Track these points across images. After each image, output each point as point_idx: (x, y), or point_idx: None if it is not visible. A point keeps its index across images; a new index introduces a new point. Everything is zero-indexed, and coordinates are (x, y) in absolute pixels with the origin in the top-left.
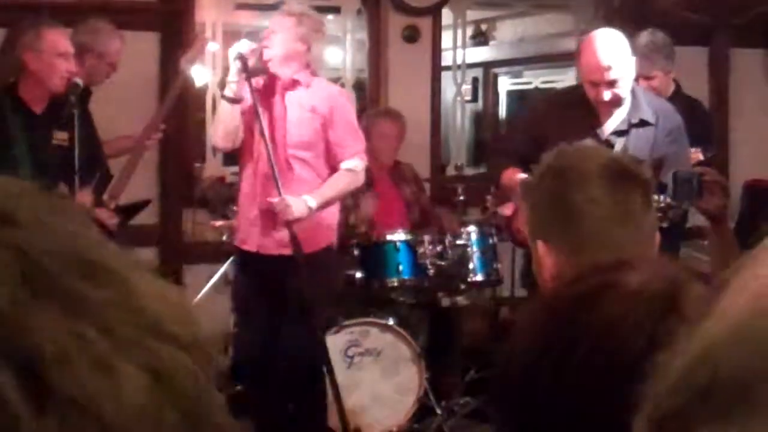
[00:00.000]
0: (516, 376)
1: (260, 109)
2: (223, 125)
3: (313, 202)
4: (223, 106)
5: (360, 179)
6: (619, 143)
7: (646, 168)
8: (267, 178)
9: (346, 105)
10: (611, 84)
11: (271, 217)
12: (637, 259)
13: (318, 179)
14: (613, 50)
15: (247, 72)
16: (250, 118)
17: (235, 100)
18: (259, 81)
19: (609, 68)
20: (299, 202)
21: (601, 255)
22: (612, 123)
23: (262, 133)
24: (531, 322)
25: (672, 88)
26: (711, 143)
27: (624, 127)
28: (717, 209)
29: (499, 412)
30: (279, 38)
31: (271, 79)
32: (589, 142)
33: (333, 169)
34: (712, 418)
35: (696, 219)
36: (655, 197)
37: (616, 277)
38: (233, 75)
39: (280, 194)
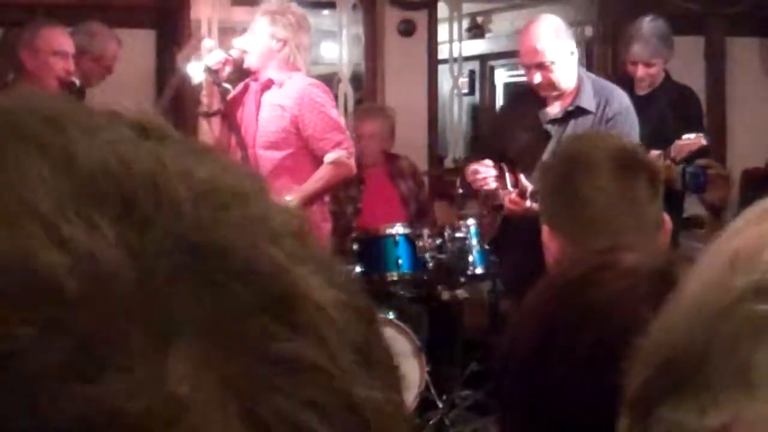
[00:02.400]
0: (522, 361)
1: (238, 113)
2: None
3: (293, 202)
4: (202, 124)
5: (347, 170)
6: (555, 132)
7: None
8: None
9: (317, 99)
10: (539, 66)
11: None
12: (634, 243)
13: (296, 180)
14: (543, 34)
15: (219, 84)
16: (227, 125)
17: (210, 114)
18: (238, 86)
19: (536, 51)
20: None
21: (603, 242)
22: (551, 111)
23: (237, 142)
24: (533, 306)
25: (662, 77)
26: (702, 128)
27: (560, 115)
28: (720, 201)
29: (505, 399)
30: (254, 39)
31: (248, 82)
32: (528, 132)
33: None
34: (668, 394)
35: (693, 209)
36: None
37: (612, 258)
38: (203, 89)
39: None
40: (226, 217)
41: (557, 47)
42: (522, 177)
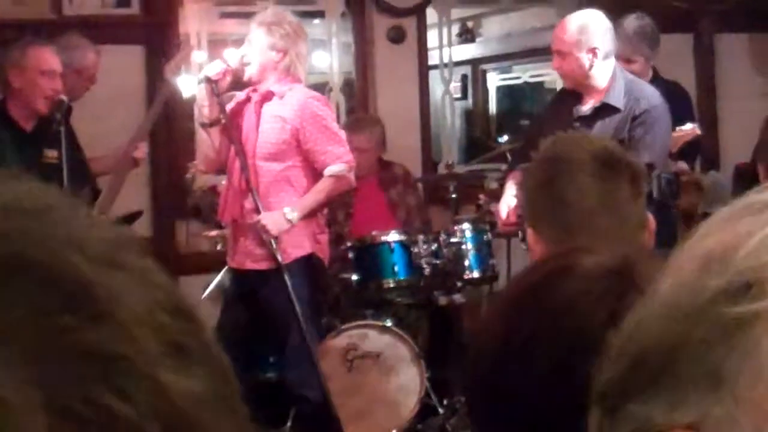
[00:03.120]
0: (484, 367)
1: (237, 124)
2: (204, 150)
3: (293, 214)
4: (200, 133)
5: (348, 182)
6: (583, 129)
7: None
8: (236, 193)
9: (319, 112)
10: (557, 53)
11: (241, 231)
12: (615, 244)
13: (296, 191)
14: (567, 24)
15: (217, 95)
16: (227, 135)
17: (210, 125)
18: (239, 96)
19: (555, 37)
20: (277, 217)
21: (585, 244)
22: (583, 108)
23: (237, 152)
24: (494, 312)
25: (650, 74)
26: (694, 122)
27: (588, 112)
28: (692, 207)
29: (470, 405)
30: (252, 50)
31: (249, 93)
32: (561, 129)
33: (321, 177)
34: (640, 389)
35: None
36: None
37: (571, 260)
38: (202, 99)
39: (259, 211)
40: (28, 230)
41: (573, 40)
42: None
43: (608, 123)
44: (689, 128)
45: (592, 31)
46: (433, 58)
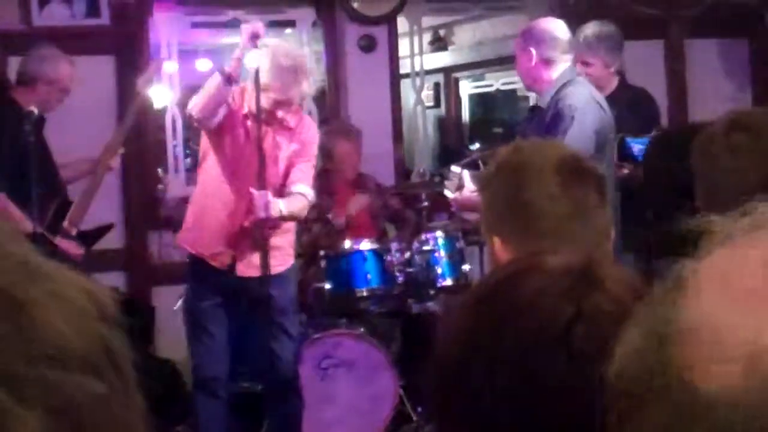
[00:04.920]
0: (450, 365)
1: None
2: (209, 96)
3: (284, 209)
4: (216, 79)
5: (308, 207)
6: (520, 129)
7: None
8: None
9: (316, 139)
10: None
11: (248, 239)
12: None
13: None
14: (524, 30)
15: (259, 84)
16: (230, 135)
17: (229, 79)
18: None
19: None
20: (275, 203)
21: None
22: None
23: (258, 147)
24: (459, 311)
25: (615, 81)
26: (660, 127)
27: (529, 114)
28: None
29: (436, 402)
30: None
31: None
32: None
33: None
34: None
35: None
36: None
37: (536, 260)
38: (238, 53)
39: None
40: None
41: (518, 44)
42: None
43: (535, 123)
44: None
45: (532, 33)
46: (405, 67)
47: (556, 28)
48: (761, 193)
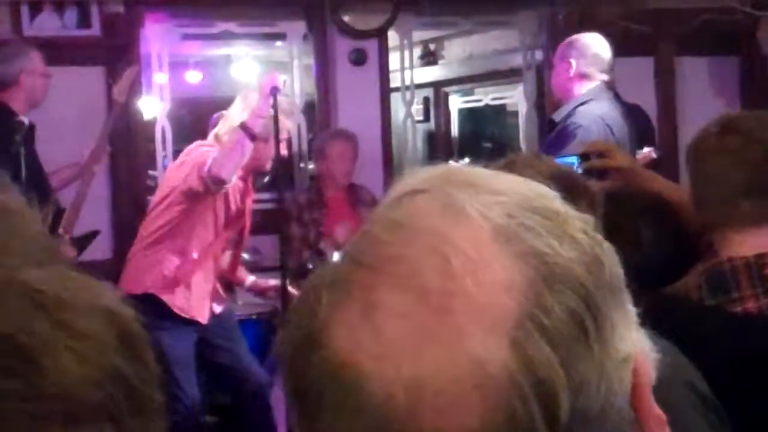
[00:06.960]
0: None
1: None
2: (240, 156)
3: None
4: (242, 139)
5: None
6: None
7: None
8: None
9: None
10: None
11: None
12: None
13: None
14: (563, 44)
15: (276, 108)
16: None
17: (255, 137)
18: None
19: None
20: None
21: None
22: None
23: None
24: None
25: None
26: (654, 144)
27: (548, 127)
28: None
29: None
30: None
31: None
32: None
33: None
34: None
35: None
36: None
37: None
38: (262, 110)
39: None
40: None
41: (559, 53)
42: None
43: (552, 136)
44: (645, 152)
45: (573, 47)
46: (395, 81)
47: (600, 45)
48: (745, 198)
